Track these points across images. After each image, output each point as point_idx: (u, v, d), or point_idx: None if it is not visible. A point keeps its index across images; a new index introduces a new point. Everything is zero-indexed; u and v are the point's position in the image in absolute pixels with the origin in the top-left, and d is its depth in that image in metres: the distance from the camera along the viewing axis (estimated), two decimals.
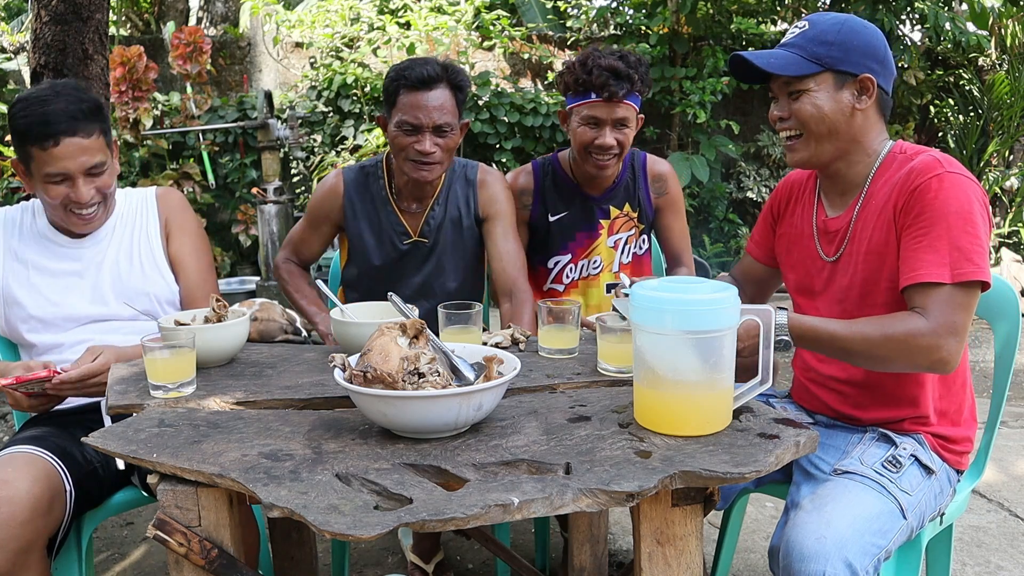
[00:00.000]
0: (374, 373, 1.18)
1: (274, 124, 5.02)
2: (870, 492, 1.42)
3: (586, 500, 1.04)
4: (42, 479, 1.46)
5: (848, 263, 1.56)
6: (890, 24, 5.64)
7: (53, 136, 1.67)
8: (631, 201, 2.25)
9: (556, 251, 2.25)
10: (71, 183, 1.72)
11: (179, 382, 1.41)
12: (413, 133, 1.93)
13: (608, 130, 2.05)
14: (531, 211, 2.23)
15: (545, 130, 6.00)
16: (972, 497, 2.75)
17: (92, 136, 1.72)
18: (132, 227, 1.90)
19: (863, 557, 1.33)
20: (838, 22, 1.51)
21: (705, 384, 1.20)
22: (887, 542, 1.38)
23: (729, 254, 6.31)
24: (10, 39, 6.40)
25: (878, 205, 1.50)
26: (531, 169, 2.26)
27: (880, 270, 1.50)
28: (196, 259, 1.93)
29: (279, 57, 6.64)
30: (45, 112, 1.68)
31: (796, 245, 1.69)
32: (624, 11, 6.79)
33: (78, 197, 1.73)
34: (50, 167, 1.69)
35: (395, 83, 1.94)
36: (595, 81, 2.00)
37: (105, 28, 2.98)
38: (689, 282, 1.26)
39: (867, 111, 1.51)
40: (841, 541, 1.32)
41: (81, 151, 1.70)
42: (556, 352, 1.63)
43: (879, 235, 1.50)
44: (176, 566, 1.14)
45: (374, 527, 0.95)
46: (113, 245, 1.87)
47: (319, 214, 2.14)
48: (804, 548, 1.32)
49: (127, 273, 1.85)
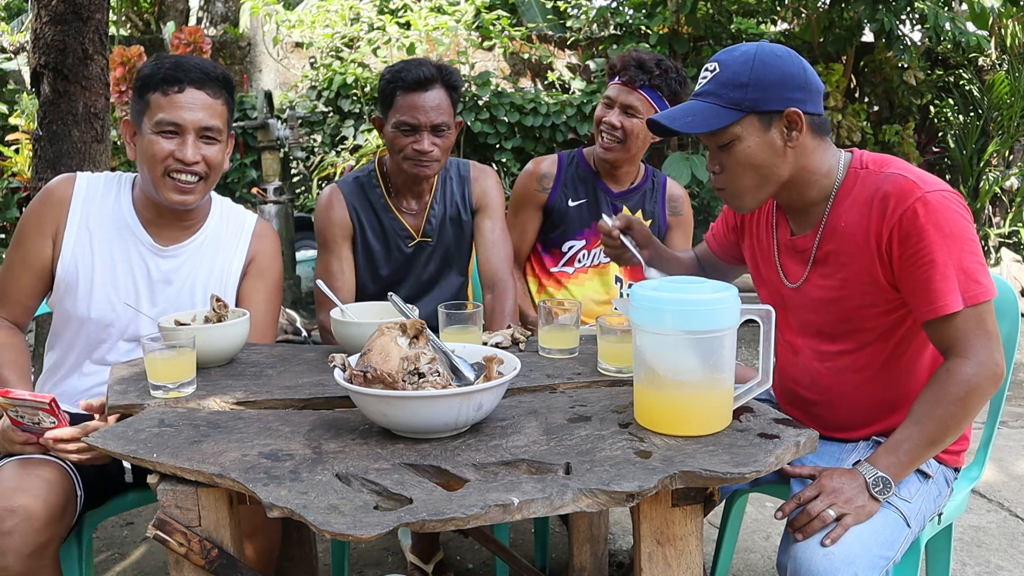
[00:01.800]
0: (374, 373, 1.18)
1: (274, 124, 5.02)
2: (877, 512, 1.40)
3: (586, 500, 1.04)
4: (57, 486, 1.45)
5: (820, 282, 1.51)
6: (890, 24, 5.64)
7: (179, 82, 1.62)
8: (645, 209, 2.34)
9: (572, 235, 2.32)
10: (181, 140, 1.64)
11: (179, 382, 1.41)
12: (412, 133, 1.95)
13: (617, 112, 2.17)
14: (550, 194, 2.32)
15: (545, 130, 6.00)
16: (972, 497, 2.75)
17: (217, 100, 1.67)
18: (215, 255, 1.80)
19: (871, 571, 1.32)
20: (748, 59, 1.41)
21: (705, 384, 1.20)
22: (894, 553, 1.37)
23: None
24: (10, 39, 6.40)
25: (850, 227, 1.45)
26: (557, 158, 2.36)
27: (863, 295, 1.46)
28: (264, 307, 1.82)
29: (279, 57, 6.64)
30: (179, 61, 1.65)
31: (764, 264, 1.64)
32: (624, 11, 6.79)
33: (183, 155, 1.63)
34: (166, 113, 1.62)
35: (391, 85, 1.95)
36: (619, 65, 2.17)
37: (105, 28, 2.98)
38: (689, 282, 1.26)
39: (802, 141, 1.43)
40: (850, 557, 1.31)
41: (203, 106, 1.64)
42: (556, 352, 1.63)
43: (860, 261, 1.44)
44: (176, 566, 1.14)
45: (374, 527, 0.95)
46: (189, 267, 1.77)
47: (337, 232, 2.06)
48: (813, 565, 1.31)
49: (189, 303, 1.77)
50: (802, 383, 1.61)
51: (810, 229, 1.52)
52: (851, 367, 1.53)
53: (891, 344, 1.49)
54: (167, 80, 1.63)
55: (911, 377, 1.50)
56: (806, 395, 1.61)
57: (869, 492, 1.35)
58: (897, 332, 1.48)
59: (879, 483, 1.36)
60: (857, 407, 1.55)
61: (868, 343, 1.50)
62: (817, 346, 1.56)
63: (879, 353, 1.50)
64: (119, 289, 1.73)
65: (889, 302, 1.45)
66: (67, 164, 2.87)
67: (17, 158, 5.82)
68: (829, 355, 1.55)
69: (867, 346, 1.50)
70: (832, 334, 1.53)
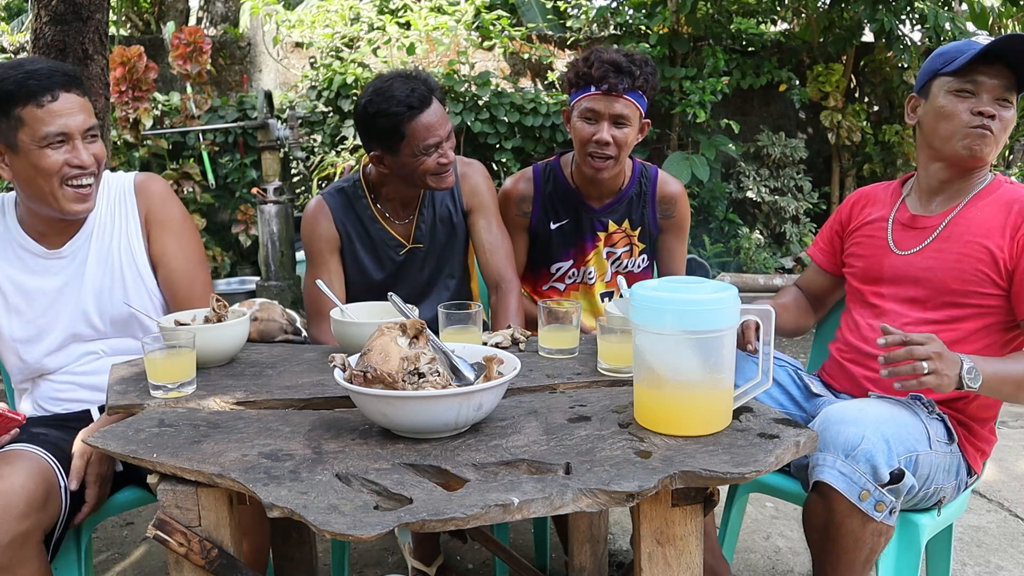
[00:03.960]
0: (374, 373, 1.18)
1: (274, 124, 5.01)
2: (905, 407, 1.51)
3: (586, 500, 1.04)
4: (36, 475, 1.46)
5: (935, 254, 1.63)
6: (890, 24, 5.64)
7: (51, 90, 1.55)
8: (631, 218, 2.20)
9: (558, 257, 2.23)
10: (71, 146, 1.59)
11: (179, 382, 1.41)
12: (435, 151, 1.89)
13: (606, 125, 1.99)
14: (531, 218, 2.20)
15: (545, 130, 5.99)
16: (972, 497, 2.75)
17: (85, 97, 1.62)
18: (112, 229, 1.75)
19: (899, 444, 1.39)
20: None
21: (705, 384, 1.20)
22: (916, 452, 1.44)
23: (729, 254, 6.31)
24: (10, 39, 6.40)
25: (988, 219, 1.60)
26: (531, 176, 2.21)
27: (974, 271, 1.58)
28: (182, 258, 1.77)
29: (279, 57, 6.64)
30: (35, 70, 1.55)
31: (871, 238, 1.76)
32: (624, 11, 6.79)
33: (79, 160, 1.59)
34: (50, 125, 1.55)
35: (395, 119, 1.85)
36: (595, 73, 1.96)
37: (105, 28, 2.98)
38: (689, 282, 1.26)
39: None
40: (880, 420, 1.40)
41: (80, 108, 1.60)
42: (556, 352, 1.63)
43: (984, 244, 1.58)
44: (176, 566, 1.14)
45: (374, 527, 0.95)
46: (92, 256, 1.73)
47: (323, 247, 2.03)
48: (845, 414, 1.40)
49: (108, 290, 1.73)
50: (870, 348, 1.67)
51: (941, 210, 1.67)
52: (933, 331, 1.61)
53: (975, 328, 1.60)
54: (36, 91, 1.55)
55: None
56: (873, 363, 1.65)
57: (960, 372, 1.42)
58: (985, 319, 1.60)
59: (972, 372, 1.43)
60: None
61: (956, 319, 1.61)
62: (907, 312, 1.66)
63: (961, 332, 1.60)
64: (33, 304, 1.72)
65: (994, 286, 1.58)
66: None
67: None
68: (916, 321, 1.64)
69: (955, 322, 1.61)
70: (926, 302, 1.64)
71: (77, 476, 1.52)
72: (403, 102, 1.84)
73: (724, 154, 6.42)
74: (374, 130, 1.90)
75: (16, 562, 1.40)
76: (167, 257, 1.77)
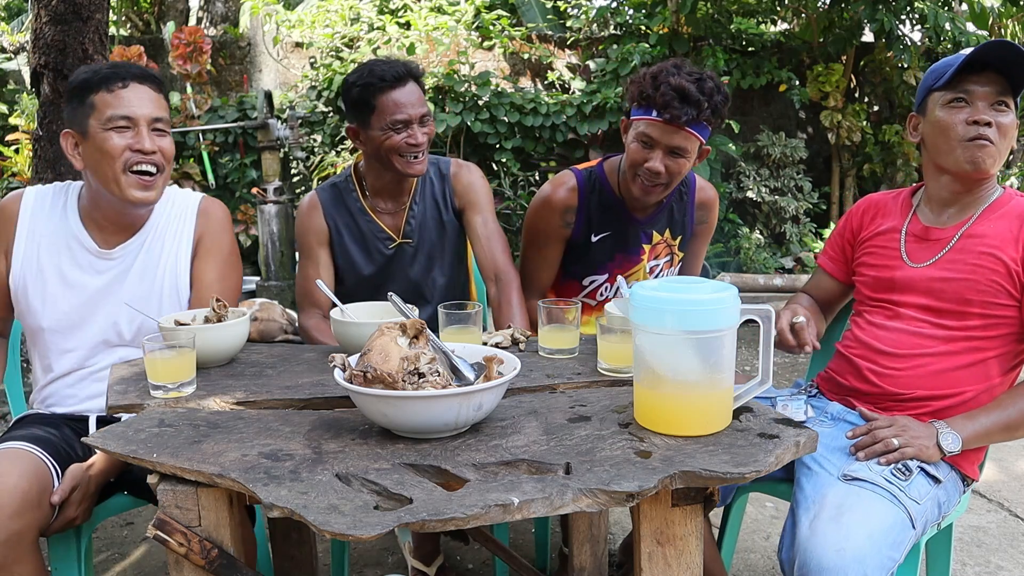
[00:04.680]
0: (374, 373, 1.18)
1: (274, 124, 5.02)
2: (883, 502, 1.41)
3: (586, 500, 1.04)
4: (30, 474, 1.46)
5: (949, 265, 1.63)
6: (890, 24, 5.64)
7: (123, 79, 1.63)
8: (673, 227, 2.13)
9: (593, 270, 2.15)
10: (135, 132, 1.63)
11: (179, 382, 1.41)
12: (403, 129, 1.93)
13: (660, 155, 1.86)
14: (573, 229, 2.09)
15: (545, 130, 6.00)
16: (972, 497, 2.75)
17: (160, 95, 1.69)
18: (163, 242, 1.78)
19: (880, 571, 1.34)
20: None
21: (705, 384, 1.20)
22: (899, 555, 1.39)
23: (729, 254, 6.31)
24: (10, 39, 6.40)
25: (1000, 231, 1.60)
26: (575, 184, 2.07)
27: (988, 281, 1.59)
28: (218, 288, 1.79)
29: (279, 57, 6.64)
30: (115, 64, 1.66)
31: (883, 248, 1.75)
32: (624, 11, 6.80)
33: (141, 145, 1.63)
34: (117, 109, 1.62)
35: (367, 90, 1.92)
36: (658, 99, 1.80)
37: (105, 28, 2.98)
38: (689, 282, 1.26)
39: None
40: (860, 555, 1.32)
41: (150, 99, 1.65)
42: (556, 352, 1.63)
43: (997, 255, 1.59)
44: (176, 566, 1.14)
45: (374, 527, 0.95)
46: (139, 264, 1.75)
47: (312, 240, 2.08)
48: (824, 561, 1.33)
49: (145, 301, 1.74)
50: (881, 345, 1.68)
51: (954, 222, 1.67)
52: (943, 339, 1.62)
53: (990, 337, 1.61)
54: (109, 78, 1.62)
55: (982, 377, 1.61)
56: (881, 359, 1.67)
57: (937, 440, 1.47)
58: (999, 329, 1.60)
59: (949, 437, 1.47)
60: (924, 379, 1.62)
61: (971, 329, 1.61)
62: (922, 317, 1.65)
63: (976, 342, 1.61)
64: (70, 297, 1.73)
65: (1008, 297, 1.58)
66: (67, 164, 2.86)
67: (17, 158, 5.83)
68: (931, 327, 1.64)
69: (969, 331, 1.61)
70: (939, 311, 1.63)
71: (62, 494, 1.50)
72: (378, 75, 1.92)
73: (724, 154, 6.42)
74: (349, 99, 1.97)
75: (11, 560, 1.40)
76: (204, 281, 1.80)
